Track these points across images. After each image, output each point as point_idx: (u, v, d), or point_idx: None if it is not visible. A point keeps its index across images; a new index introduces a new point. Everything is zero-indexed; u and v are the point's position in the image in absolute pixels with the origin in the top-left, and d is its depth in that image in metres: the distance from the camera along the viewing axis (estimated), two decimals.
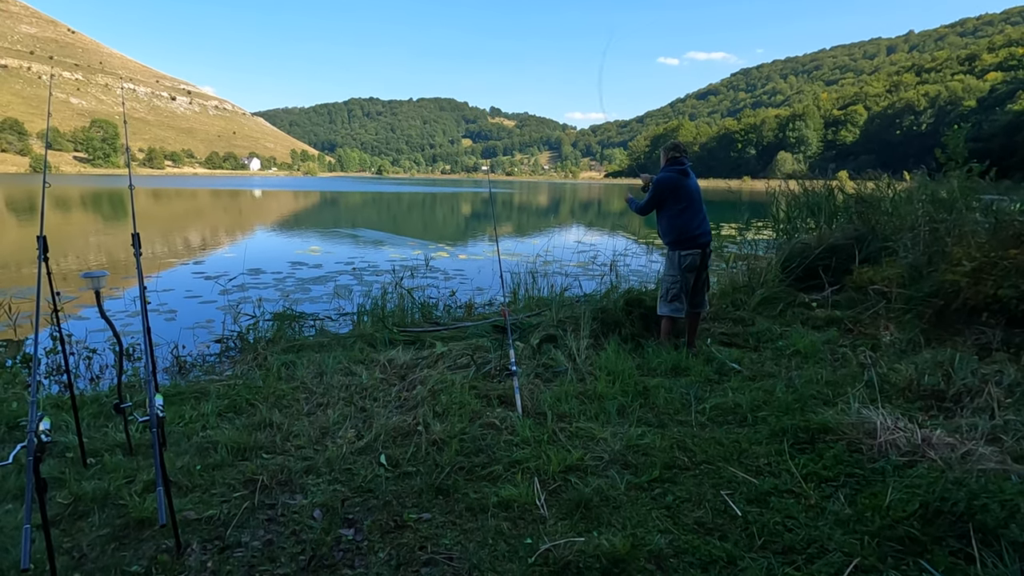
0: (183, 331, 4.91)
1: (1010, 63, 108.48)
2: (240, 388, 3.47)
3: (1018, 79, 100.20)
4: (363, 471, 2.52)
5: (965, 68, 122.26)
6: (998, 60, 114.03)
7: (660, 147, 4.48)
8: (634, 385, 3.46)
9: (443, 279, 8.47)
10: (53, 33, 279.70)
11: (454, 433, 2.83)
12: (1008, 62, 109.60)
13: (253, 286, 7.50)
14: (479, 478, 2.50)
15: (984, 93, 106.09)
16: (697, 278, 4.16)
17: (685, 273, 4.08)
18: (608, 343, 4.19)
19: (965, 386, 3.00)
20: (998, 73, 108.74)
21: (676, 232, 4.10)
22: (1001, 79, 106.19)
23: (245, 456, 2.65)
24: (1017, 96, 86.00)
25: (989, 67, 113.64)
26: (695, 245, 4.08)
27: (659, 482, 2.42)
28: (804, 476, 2.35)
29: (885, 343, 4.18)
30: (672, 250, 4.13)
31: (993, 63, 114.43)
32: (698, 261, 4.10)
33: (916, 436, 2.41)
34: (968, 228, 4.96)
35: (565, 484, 2.42)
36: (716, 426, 2.98)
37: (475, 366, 3.88)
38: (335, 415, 3.08)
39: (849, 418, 2.69)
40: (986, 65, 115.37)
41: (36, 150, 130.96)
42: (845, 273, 5.94)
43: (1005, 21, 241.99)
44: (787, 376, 3.66)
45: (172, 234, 15.57)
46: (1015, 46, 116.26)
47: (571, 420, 3.03)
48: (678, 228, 4.09)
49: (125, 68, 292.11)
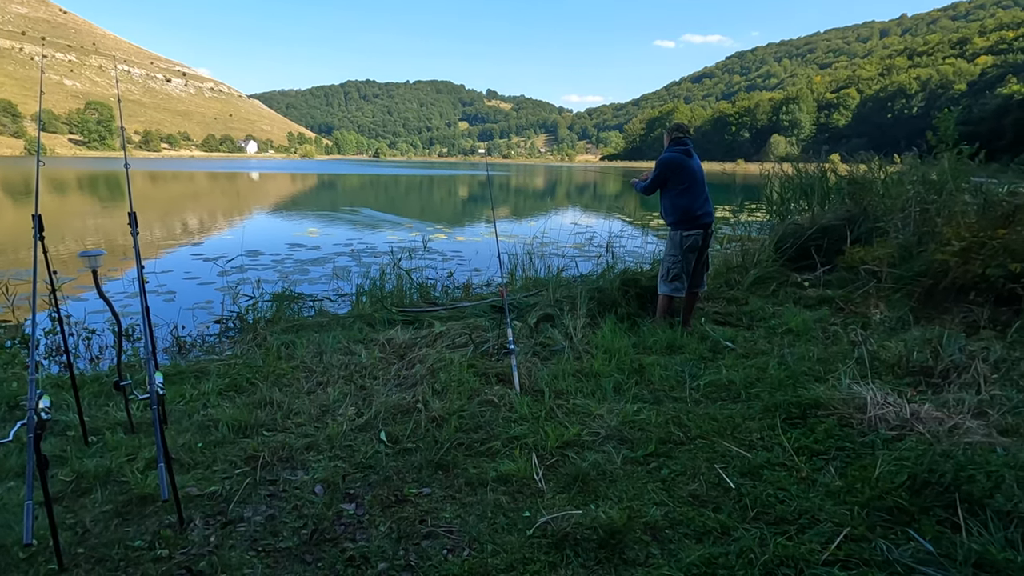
0: (183, 312, 4.86)
1: (1000, 47, 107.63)
2: (240, 367, 3.45)
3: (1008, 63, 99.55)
4: (363, 447, 2.51)
5: (956, 52, 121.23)
6: (989, 44, 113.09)
7: (662, 128, 4.42)
8: (630, 363, 3.46)
9: (441, 260, 8.42)
10: (45, 13, 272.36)
11: (453, 410, 2.82)
12: (999, 46, 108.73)
13: (252, 267, 7.43)
14: (478, 454, 2.50)
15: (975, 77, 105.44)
16: (698, 259, 4.13)
17: (687, 253, 4.05)
18: (604, 322, 4.18)
19: (953, 362, 3.01)
20: (988, 57, 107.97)
21: (679, 212, 4.05)
22: (991, 63, 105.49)
23: (246, 434, 2.63)
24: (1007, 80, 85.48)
25: (980, 51, 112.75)
26: (697, 225, 4.04)
27: (654, 456, 2.43)
28: (796, 450, 2.36)
29: (875, 321, 4.19)
30: (674, 230, 4.09)
31: (984, 47, 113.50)
32: (700, 242, 4.07)
33: (905, 411, 2.42)
34: (958, 209, 4.95)
35: (563, 459, 2.42)
36: (710, 402, 2.99)
37: (473, 345, 3.87)
38: (335, 393, 3.07)
39: (840, 393, 2.70)
40: (977, 49, 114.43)
41: (30, 132, 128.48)
42: (837, 253, 5.93)
43: (996, 4, 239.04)
44: (779, 354, 3.66)
45: (170, 216, 15.38)
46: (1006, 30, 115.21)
47: (568, 397, 3.03)
48: (681, 208, 4.04)
49: (119, 49, 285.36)
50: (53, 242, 10.36)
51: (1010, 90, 72.45)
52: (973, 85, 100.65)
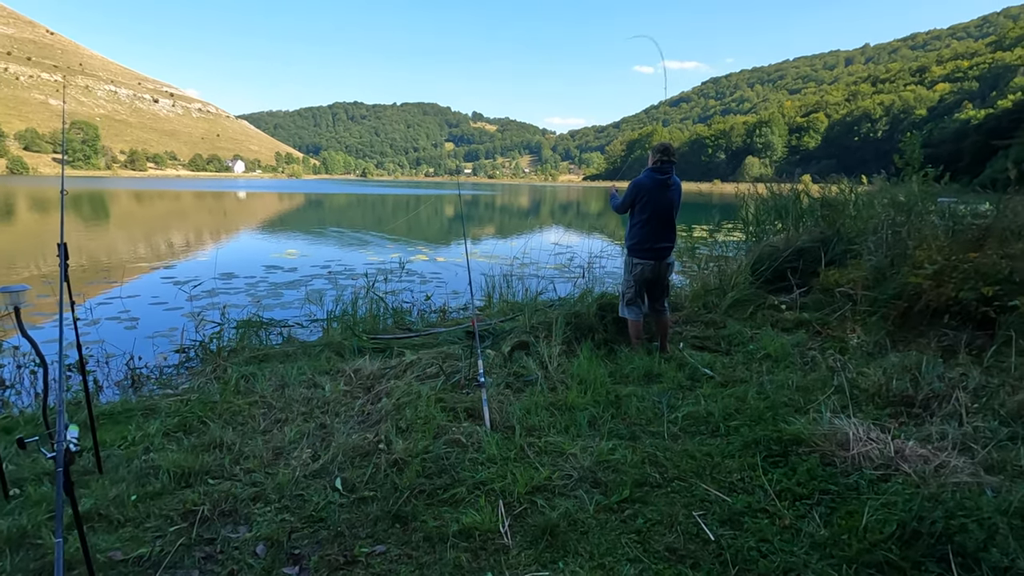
0: (143, 341, 4.57)
1: (956, 75, 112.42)
2: (193, 404, 3.18)
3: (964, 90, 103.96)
4: (315, 497, 2.27)
5: (916, 79, 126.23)
6: (946, 72, 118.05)
7: (642, 151, 4.34)
8: (606, 394, 3.28)
9: (419, 282, 8.20)
10: (31, 34, 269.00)
11: (417, 452, 2.60)
12: (955, 74, 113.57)
13: (224, 291, 7.12)
14: (440, 502, 2.28)
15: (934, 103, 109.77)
16: (654, 286, 4.01)
17: (637, 280, 3.96)
18: (581, 349, 4.00)
19: (933, 391, 2.89)
20: (946, 84, 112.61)
21: (634, 239, 3.98)
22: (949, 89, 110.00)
23: (188, 482, 2.37)
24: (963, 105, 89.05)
25: (938, 78, 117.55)
26: (649, 256, 3.94)
27: (629, 502, 2.23)
28: (778, 493, 2.19)
29: (853, 345, 4.08)
30: (628, 255, 4.02)
31: (942, 75, 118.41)
32: (649, 272, 3.94)
33: (889, 448, 2.26)
34: (928, 231, 4.91)
35: (531, 507, 2.21)
36: (688, 437, 2.81)
37: (444, 376, 3.65)
38: (292, 433, 2.82)
39: (821, 428, 2.54)
40: (935, 76, 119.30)
41: (12, 151, 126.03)
42: (812, 275, 5.87)
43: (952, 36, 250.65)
44: (758, 381, 3.52)
45: (147, 237, 14.93)
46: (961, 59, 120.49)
47: (540, 434, 2.82)
48: (638, 236, 3.95)
49: (106, 70, 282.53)
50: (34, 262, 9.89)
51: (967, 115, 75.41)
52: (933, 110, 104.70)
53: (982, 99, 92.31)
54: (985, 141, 45.83)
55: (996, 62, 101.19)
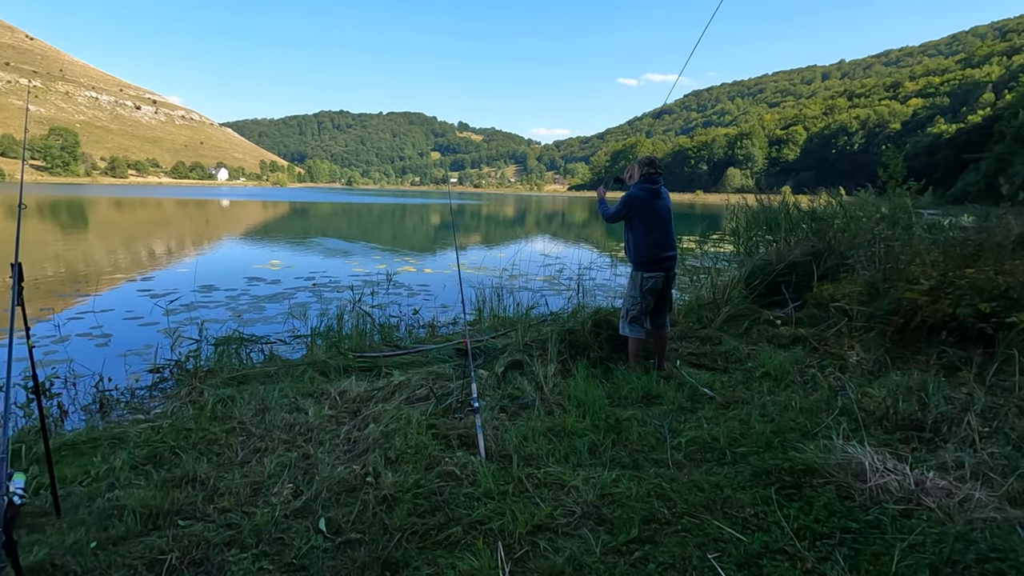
0: (114, 360, 4.30)
1: (928, 90, 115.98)
2: (166, 431, 2.95)
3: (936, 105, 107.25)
4: (297, 541, 2.07)
5: (891, 94, 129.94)
6: (919, 87, 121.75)
7: (626, 161, 4.22)
8: (605, 418, 3.12)
9: (407, 295, 7.99)
10: (10, 39, 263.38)
11: (408, 486, 2.41)
12: (927, 89, 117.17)
13: (203, 305, 6.83)
14: (434, 544, 2.09)
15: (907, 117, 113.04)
16: (659, 299, 3.89)
17: (646, 295, 3.83)
18: (577, 368, 3.85)
19: (942, 414, 2.79)
20: (919, 99, 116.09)
21: (640, 253, 3.84)
22: (921, 104, 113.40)
23: (156, 524, 2.15)
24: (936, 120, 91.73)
25: (911, 94, 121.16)
26: (659, 268, 3.82)
27: (638, 543, 2.07)
28: (796, 531, 2.04)
29: (852, 363, 4.00)
30: (635, 270, 3.87)
31: (914, 90, 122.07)
32: (660, 284, 3.85)
33: (908, 480, 2.14)
34: (922, 247, 4.88)
35: (533, 549, 2.04)
36: (694, 466, 2.66)
37: (435, 399, 3.47)
38: (272, 465, 2.61)
39: (834, 456, 2.42)
40: (908, 92, 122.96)
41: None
42: (805, 289, 5.81)
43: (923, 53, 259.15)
44: (760, 403, 3.40)
45: (126, 245, 14.45)
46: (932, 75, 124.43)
47: (539, 464, 2.65)
48: (643, 250, 3.82)
49: (87, 76, 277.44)
50: None
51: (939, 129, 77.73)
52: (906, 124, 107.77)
53: (953, 114, 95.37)
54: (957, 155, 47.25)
55: (966, 79, 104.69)
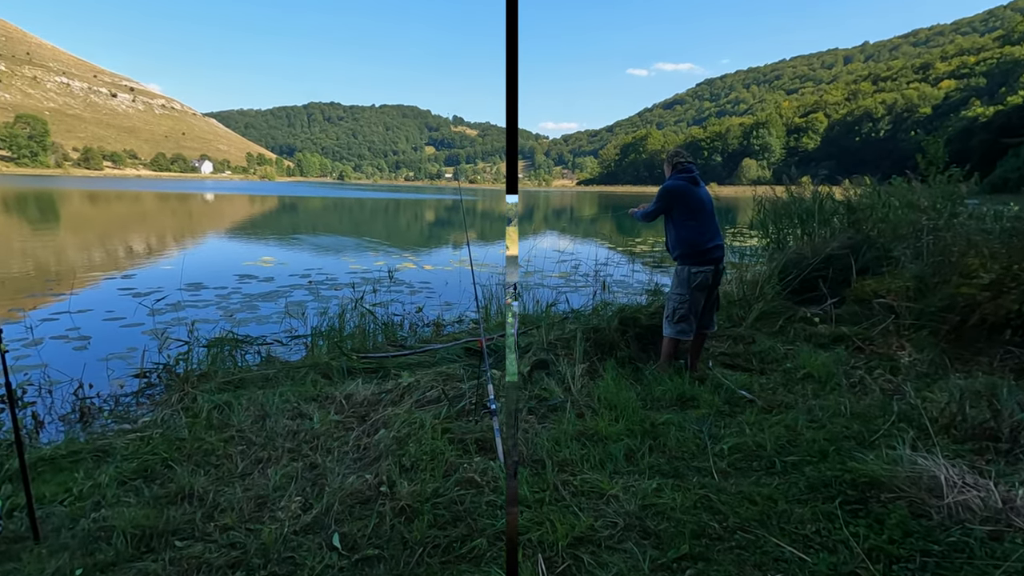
0: (95, 364, 4.22)
1: (962, 71, 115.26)
2: (156, 442, 2.86)
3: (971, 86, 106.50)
4: (309, 559, 1.98)
5: (920, 76, 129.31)
6: (951, 68, 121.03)
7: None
8: (640, 422, 3.04)
9: (408, 293, 7.91)
10: None
11: (426, 495, 2.33)
12: (960, 70, 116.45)
13: (191, 304, 6.76)
14: (459, 558, 2.01)
15: (939, 100, 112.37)
16: (708, 297, 3.78)
17: (695, 292, 3.69)
18: (605, 368, 3.77)
19: (1018, 422, 2.69)
20: (952, 81, 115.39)
21: (685, 245, 3.71)
22: (954, 87, 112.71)
23: (150, 546, 2.07)
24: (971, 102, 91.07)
25: (943, 75, 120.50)
26: (707, 261, 3.70)
27: (690, 560, 1.98)
28: (867, 552, 1.95)
29: (904, 364, 3.90)
30: (681, 265, 3.74)
31: (946, 71, 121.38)
32: (710, 279, 3.72)
33: (994, 497, 2.04)
34: (978, 236, 4.77)
35: (576, 564, 1.95)
36: (740, 475, 2.58)
37: (447, 401, 3.39)
38: (277, 476, 2.53)
39: (902, 468, 2.32)
40: (940, 73, 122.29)
41: None
42: (843, 284, 5.71)
43: (955, 31, 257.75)
44: (806, 407, 3.31)
45: (103, 242, 14.40)
46: (966, 55, 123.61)
47: (574, 470, 2.58)
48: (688, 241, 3.70)
49: (57, 60, 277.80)
50: None
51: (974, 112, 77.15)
52: (938, 108, 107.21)
53: (990, 95, 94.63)
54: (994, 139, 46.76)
55: (1004, 57, 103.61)
